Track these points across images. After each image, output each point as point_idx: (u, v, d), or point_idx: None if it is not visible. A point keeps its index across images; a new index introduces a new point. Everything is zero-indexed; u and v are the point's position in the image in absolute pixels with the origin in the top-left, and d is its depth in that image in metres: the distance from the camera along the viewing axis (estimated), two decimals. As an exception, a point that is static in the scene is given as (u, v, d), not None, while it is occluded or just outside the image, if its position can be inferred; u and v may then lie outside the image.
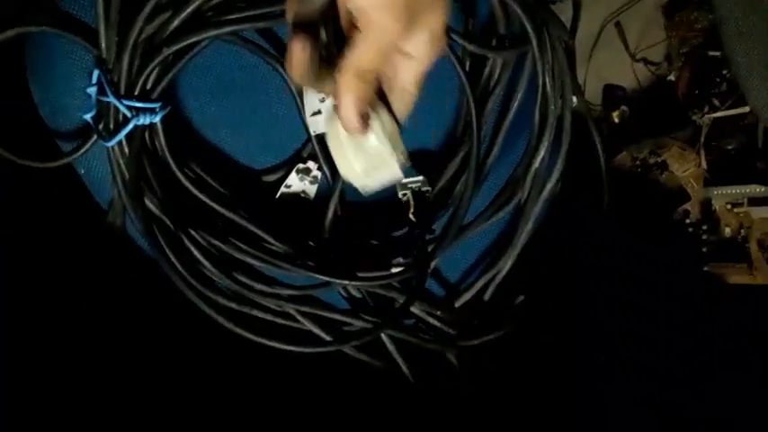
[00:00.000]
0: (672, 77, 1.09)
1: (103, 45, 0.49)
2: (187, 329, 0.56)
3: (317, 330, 0.60)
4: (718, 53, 1.01)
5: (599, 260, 0.74)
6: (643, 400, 0.62)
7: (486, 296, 0.67)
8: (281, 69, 0.55)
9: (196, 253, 0.54)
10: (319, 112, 0.56)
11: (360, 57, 0.37)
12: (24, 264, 0.53)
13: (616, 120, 1.10)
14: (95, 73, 0.50)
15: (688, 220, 1.01)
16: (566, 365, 0.68)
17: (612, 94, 1.13)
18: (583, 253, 0.72)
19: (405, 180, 0.59)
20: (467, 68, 0.56)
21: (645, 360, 0.66)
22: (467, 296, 0.66)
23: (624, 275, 0.75)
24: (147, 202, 0.52)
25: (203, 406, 0.53)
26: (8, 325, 0.49)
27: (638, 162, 1.08)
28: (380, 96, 0.43)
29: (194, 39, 0.48)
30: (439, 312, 0.64)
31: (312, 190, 0.60)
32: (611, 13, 1.09)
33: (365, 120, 0.40)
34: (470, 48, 0.54)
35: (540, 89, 0.59)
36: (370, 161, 0.43)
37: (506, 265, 0.65)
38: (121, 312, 0.54)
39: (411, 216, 0.59)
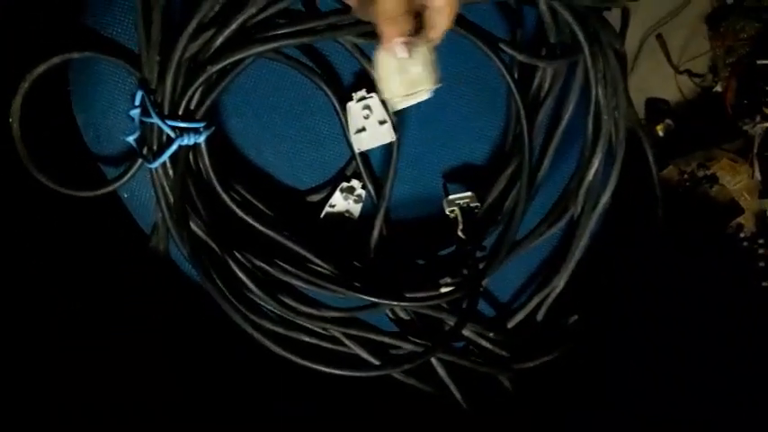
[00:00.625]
0: (718, 88, 1.06)
1: (146, 65, 0.48)
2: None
3: (364, 354, 0.58)
4: (766, 61, 0.98)
5: (637, 274, 0.71)
6: (677, 411, 0.60)
7: (539, 316, 0.64)
8: (324, 87, 0.54)
9: (242, 276, 0.52)
10: (363, 129, 0.55)
11: (384, 5, 0.40)
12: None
13: (660, 133, 1.07)
14: (138, 94, 0.49)
15: (742, 234, 0.97)
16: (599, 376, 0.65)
17: (655, 107, 1.10)
18: (622, 267, 0.70)
19: (452, 196, 0.58)
20: (516, 79, 0.54)
21: (681, 372, 0.64)
22: (519, 316, 0.63)
23: (663, 290, 0.72)
24: (192, 225, 0.51)
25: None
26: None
27: (686, 176, 1.04)
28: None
29: (239, 56, 0.47)
30: (491, 334, 0.61)
31: (356, 209, 0.58)
32: (652, 26, 1.06)
33: (407, 45, 0.43)
34: (520, 57, 0.53)
35: (593, 99, 0.57)
36: (412, 85, 0.47)
37: (560, 283, 0.63)
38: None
39: (460, 233, 0.56)
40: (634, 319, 0.70)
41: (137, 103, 0.50)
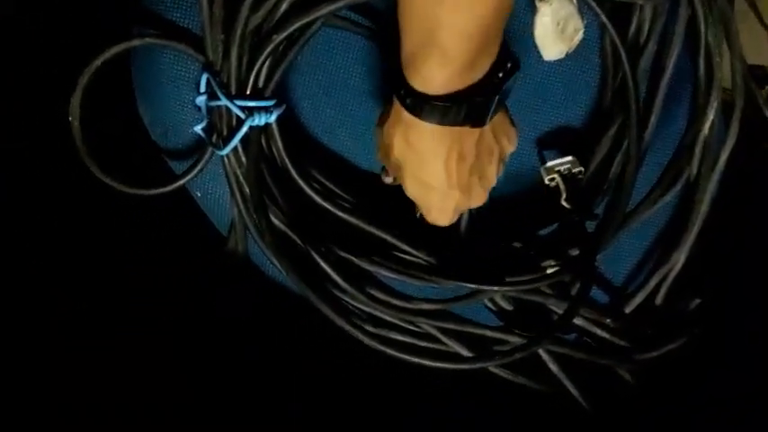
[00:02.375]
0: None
1: (210, 45, 0.45)
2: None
3: (463, 351, 0.52)
4: None
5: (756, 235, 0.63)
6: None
7: (659, 298, 0.57)
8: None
9: (328, 269, 0.48)
10: None
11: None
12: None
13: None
14: (203, 78, 0.46)
15: None
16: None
17: (753, 74, 1.00)
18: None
19: (551, 163, 0.52)
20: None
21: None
22: (638, 299, 0.56)
23: None
24: (271, 216, 0.47)
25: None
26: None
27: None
28: None
29: (305, 20, 0.43)
30: (608, 320, 0.54)
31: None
32: (740, -13, 0.97)
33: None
34: (614, -4, 0.47)
35: (703, 38, 0.50)
36: (571, 37, 0.50)
37: (680, 258, 0.55)
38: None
39: (564, 203, 0.50)
40: (753, 281, 0.61)
41: (202, 88, 0.47)
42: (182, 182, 0.49)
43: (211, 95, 0.46)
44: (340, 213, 0.49)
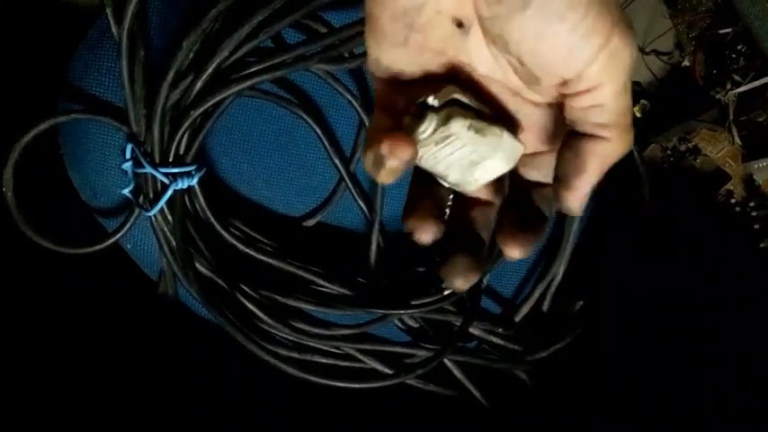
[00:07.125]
0: (686, 63, 1.08)
1: (133, 120, 0.50)
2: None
3: (379, 367, 0.59)
4: (728, 30, 1.01)
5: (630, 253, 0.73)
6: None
7: (545, 306, 0.66)
8: (303, 115, 0.56)
9: (252, 307, 0.54)
10: None
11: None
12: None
13: (638, 114, 1.09)
14: (128, 148, 0.51)
15: (733, 200, 0.99)
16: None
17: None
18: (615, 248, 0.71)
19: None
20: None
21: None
22: (525, 309, 0.64)
23: (659, 264, 0.74)
24: (198, 265, 0.53)
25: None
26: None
27: (668, 152, 1.06)
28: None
29: (219, 97, 0.49)
30: (500, 329, 0.63)
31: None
32: (613, 13, 1.08)
33: None
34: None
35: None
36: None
37: (560, 270, 0.64)
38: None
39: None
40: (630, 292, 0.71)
41: (128, 156, 0.52)
42: (114, 239, 0.54)
43: (136, 162, 0.51)
44: (261, 257, 0.56)
